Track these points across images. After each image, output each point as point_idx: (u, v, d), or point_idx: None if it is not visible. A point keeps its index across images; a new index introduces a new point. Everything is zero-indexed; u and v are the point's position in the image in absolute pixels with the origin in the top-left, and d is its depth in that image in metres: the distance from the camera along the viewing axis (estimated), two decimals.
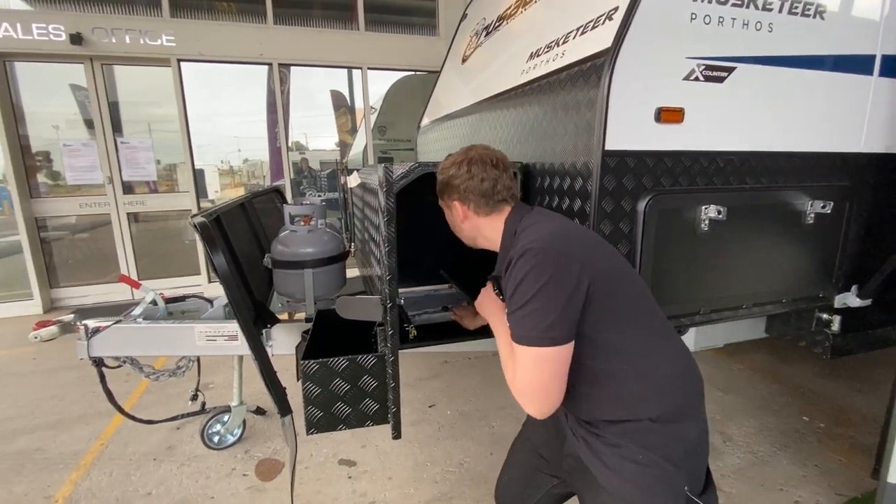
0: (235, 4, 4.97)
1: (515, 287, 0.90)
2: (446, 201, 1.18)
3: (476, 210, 1.12)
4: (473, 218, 1.14)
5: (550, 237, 0.95)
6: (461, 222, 1.16)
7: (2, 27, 4.05)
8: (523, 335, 0.89)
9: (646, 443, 0.94)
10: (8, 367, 3.40)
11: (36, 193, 4.63)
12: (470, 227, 1.16)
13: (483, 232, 1.15)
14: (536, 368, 0.88)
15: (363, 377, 1.20)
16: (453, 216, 1.18)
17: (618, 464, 0.95)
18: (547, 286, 0.87)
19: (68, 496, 2.05)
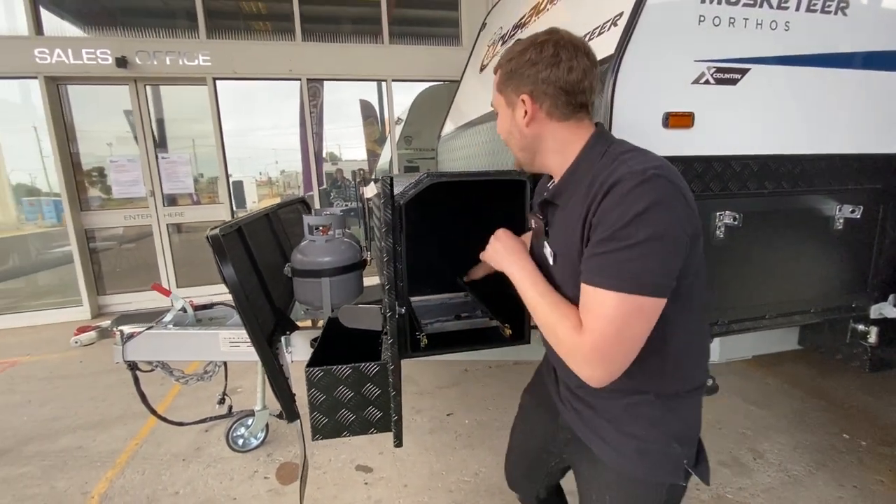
0: (266, 23, 5.20)
1: (630, 218, 0.71)
2: (509, 94, 0.91)
3: (550, 110, 0.87)
4: (544, 122, 0.88)
5: (673, 170, 0.78)
6: (525, 125, 0.89)
7: (55, 53, 4.40)
8: (625, 279, 0.72)
9: (650, 418, 0.89)
10: (57, 369, 3.64)
11: (86, 207, 4.96)
12: (534, 135, 0.90)
13: (550, 144, 0.90)
14: (628, 322, 0.73)
15: (366, 385, 1.22)
16: (515, 116, 0.91)
17: (616, 439, 0.92)
18: (674, 226, 0.73)
19: (103, 493, 2.17)
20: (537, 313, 0.87)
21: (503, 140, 0.99)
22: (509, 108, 0.93)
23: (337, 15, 5.59)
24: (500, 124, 0.98)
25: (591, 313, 0.76)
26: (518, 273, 0.93)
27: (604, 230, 0.74)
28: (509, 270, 0.96)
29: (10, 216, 5.04)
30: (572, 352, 0.78)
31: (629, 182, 0.73)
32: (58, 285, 5.09)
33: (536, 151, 0.93)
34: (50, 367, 3.67)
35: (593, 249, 0.76)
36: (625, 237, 0.72)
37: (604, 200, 0.75)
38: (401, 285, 1.52)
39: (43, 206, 5.02)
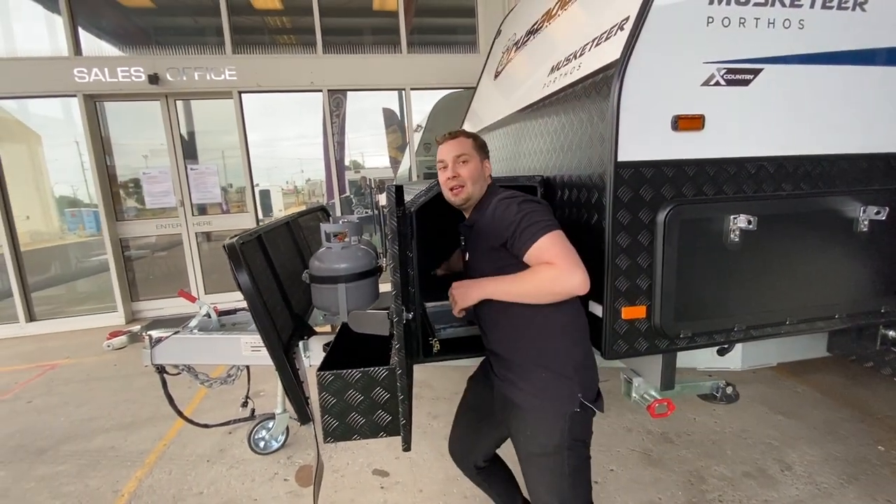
0: (289, 37, 5.36)
1: (515, 215, 1.20)
2: (480, 158, 1.41)
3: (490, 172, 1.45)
4: (488, 175, 1.44)
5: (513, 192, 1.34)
6: (486, 176, 1.42)
7: (93, 72, 4.65)
8: (542, 228, 1.17)
9: (544, 363, 1.27)
10: (94, 372, 3.81)
11: (121, 217, 5.20)
12: (483, 183, 1.40)
13: (482, 189, 1.41)
14: (565, 244, 1.17)
15: (375, 389, 1.25)
16: (482, 170, 1.40)
17: (526, 384, 1.28)
18: (533, 202, 1.25)
19: (133, 492, 2.26)
20: (524, 289, 1.21)
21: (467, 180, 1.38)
22: (480, 162, 1.42)
23: (356, 27, 5.73)
24: (470, 170, 1.39)
25: (546, 254, 1.16)
26: (488, 288, 1.29)
27: (511, 224, 1.22)
28: (483, 293, 1.29)
29: (53, 226, 5.33)
30: (561, 278, 1.14)
31: (506, 201, 1.28)
32: (95, 292, 5.34)
33: (478, 194, 1.41)
34: (87, 370, 3.85)
35: (514, 236, 1.21)
36: (516, 222, 1.20)
37: (496, 217, 1.28)
38: (412, 291, 1.55)
39: (84, 217, 5.29)
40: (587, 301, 1.49)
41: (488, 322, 1.37)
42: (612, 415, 2.68)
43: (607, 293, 1.38)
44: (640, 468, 2.23)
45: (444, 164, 1.41)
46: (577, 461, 1.28)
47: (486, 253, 1.31)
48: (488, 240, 1.29)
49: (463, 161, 1.38)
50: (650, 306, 1.41)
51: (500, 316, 1.30)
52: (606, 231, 1.36)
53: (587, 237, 1.45)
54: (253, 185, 5.33)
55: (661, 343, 1.45)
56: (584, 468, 1.31)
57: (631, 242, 1.37)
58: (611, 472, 2.21)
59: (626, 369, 1.76)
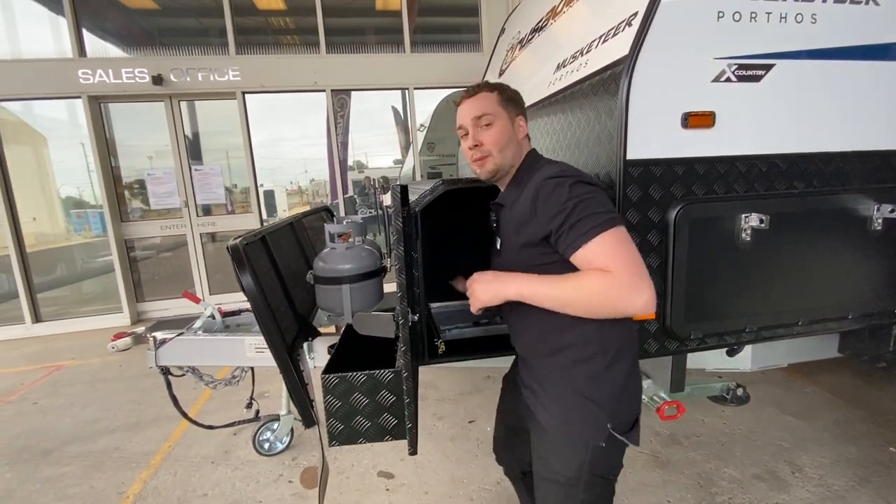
0: (292, 37, 5.36)
1: (565, 202, 0.95)
2: (511, 115, 1.15)
3: (526, 133, 1.18)
4: (523, 137, 1.17)
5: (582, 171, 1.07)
6: (521, 139, 1.17)
7: (97, 73, 4.66)
8: (601, 222, 0.91)
9: (576, 384, 1.06)
10: (99, 373, 3.82)
11: (126, 218, 5.21)
12: (516, 148, 1.15)
13: (518, 156, 1.15)
14: (625, 247, 0.91)
15: (381, 392, 1.23)
16: (514, 131, 1.15)
17: (550, 403, 1.10)
18: (587, 185, 0.98)
19: (138, 493, 2.25)
20: (568, 298, 0.95)
21: (493, 148, 1.14)
22: (511, 122, 1.15)
23: (360, 26, 5.71)
24: (498, 132, 1.13)
25: (601, 259, 0.90)
26: (520, 287, 1.02)
27: (558, 214, 0.96)
28: (513, 292, 1.03)
29: (59, 228, 5.35)
30: (619, 292, 0.88)
31: (555, 179, 1.00)
32: (101, 293, 5.36)
33: (510, 162, 1.16)
34: (92, 371, 3.86)
35: (562, 230, 0.96)
36: (567, 209, 0.95)
37: (539, 199, 1.01)
38: (417, 292, 1.53)
39: (90, 218, 5.30)
40: None
41: (517, 321, 1.17)
42: None
43: None
44: (648, 470, 2.21)
45: (464, 130, 1.16)
46: (592, 497, 1.10)
47: (521, 246, 1.06)
48: (526, 230, 1.03)
49: (486, 124, 1.12)
50: (661, 307, 1.38)
51: (534, 318, 1.07)
52: None
53: None
54: (257, 185, 5.33)
55: (671, 344, 1.43)
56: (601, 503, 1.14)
57: (640, 242, 1.34)
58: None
59: None
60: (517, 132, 1.15)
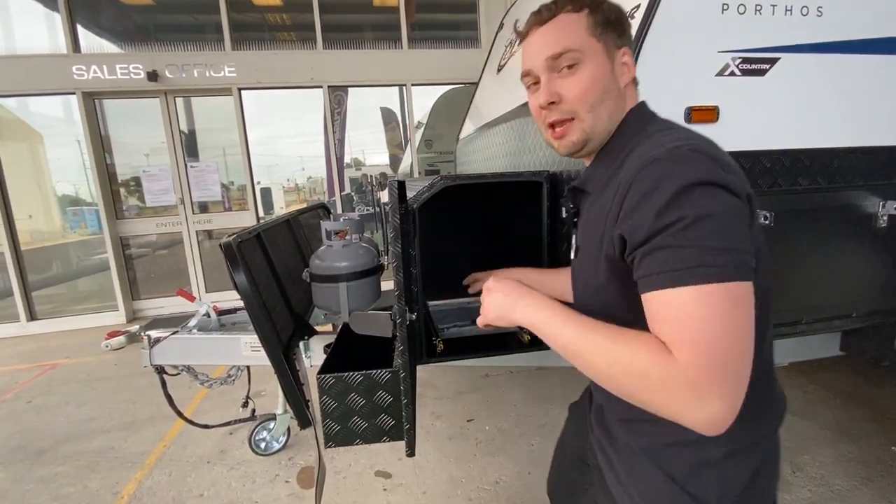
0: (289, 33, 5.31)
1: (662, 210, 0.58)
2: (611, 47, 0.74)
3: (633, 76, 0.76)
4: (629, 84, 0.76)
5: (710, 143, 0.67)
6: (622, 86, 0.75)
7: (91, 69, 4.61)
8: (699, 266, 0.55)
9: (669, 468, 0.70)
10: (94, 371, 3.79)
11: (121, 215, 5.17)
12: (616, 103, 0.75)
13: (617, 114, 0.76)
14: (724, 321, 0.54)
15: (378, 392, 1.20)
16: (614, 74, 0.74)
17: (625, 474, 0.76)
18: (731, 201, 0.59)
19: (132, 493, 2.23)
20: (590, 356, 0.63)
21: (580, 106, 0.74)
22: (610, 60, 0.74)
23: (357, 23, 5.67)
24: (589, 80, 0.73)
25: (671, 326, 0.56)
26: (533, 314, 0.71)
27: (643, 224, 0.60)
28: (521, 317, 0.73)
29: (55, 225, 5.31)
30: (671, 389, 0.55)
31: (657, 164, 0.61)
32: (96, 291, 5.32)
33: (606, 122, 0.75)
34: (87, 370, 3.82)
35: (641, 251, 0.60)
36: (674, 220, 0.57)
37: (631, 189, 0.63)
38: (414, 290, 1.51)
39: (86, 216, 5.26)
40: None
41: None
42: None
43: None
44: None
45: (532, 76, 0.77)
46: None
47: (604, 257, 0.69)
48: (608, 234, 0.68)
49: (568, 65, 0.72)
50: None
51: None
52: None
53: None
54: (254, 182, 5.29)
55: None
56: None
57: None
58: None
59: None
60: (619, 77, 0.74)
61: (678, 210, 0.57)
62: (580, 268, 0.79)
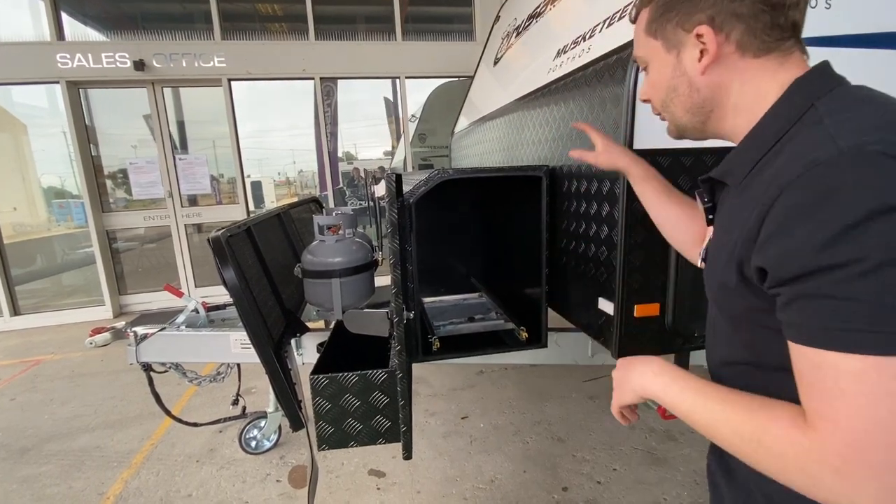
0: (280, 24, 5.21)
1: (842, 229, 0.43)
2: (672, 32, 0.63)
3: (743, 40, 0.58)
4: (732, 61, 0.59)
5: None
6: (701, 72, 0.61)
7: (76, 58, 4.47)
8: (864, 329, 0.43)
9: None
10: (79, 368, 3.70)
11: (108, 208, 5.05)
12: (714, 86, 0.62)
13: (734, 97, 0.61)
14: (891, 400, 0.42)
15: (374, 393, 1.16)
16: (681, 63, 0.63)
17: None
18: None
19: (118, 494, 2.17)
20: (714, 431, 0.55)
21: (656, 104, 0.72)
22: (671, 54, 0.64)
23: (350, 14, 5.57)
24: (652, 81, 0.69)
25: (822, 394, 0.46)
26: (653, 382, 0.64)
27: (797, 256, 0.46)
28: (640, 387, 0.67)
29: (40, 218, 5.17)
30: (812, 471, 0.46)
31: (825, 170, 0.45)
32: (82, 285, 5.20)
33: (712, 111, 0.64)
34: (72, 366, 3.74)
35: (791, 290, 0.47)
36: (845, 261, 0.43)
37: (781, 200, 0.47)
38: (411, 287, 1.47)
39: (72, 208, 5.13)
40: (596, 299, 1.41)
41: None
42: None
43: (620, 290, 1.30)
44: (644, 467, 2.18)
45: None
46: None
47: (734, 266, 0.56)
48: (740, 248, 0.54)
49: (643, 68, 0.72)
50: (664, 304, 1.33)
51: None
52: (620, 223, 1.28)
53: (598, 230, 1.37)
54: (244, 176, 5.20)
55: (675, 342, 1.38)
56: None
57: (646, 237, 1.29)
58: (614, 472, 2.15)
59: None
60: (691, 65, 0.62)
61: (855, 246, 0.42)
62: (709, 267, 0.66)
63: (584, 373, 3.00)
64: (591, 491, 2.04)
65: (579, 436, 2.43)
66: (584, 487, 2.07)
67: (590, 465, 2.21)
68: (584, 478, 2.12)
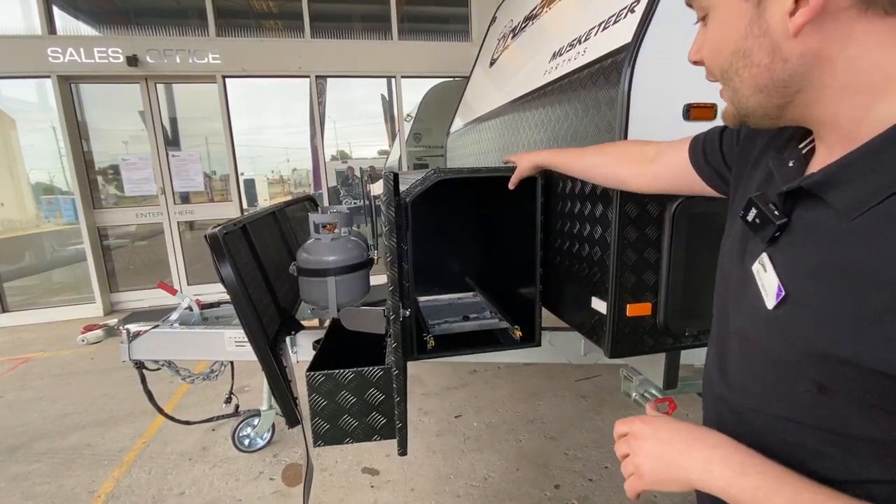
0: (276, 21, 5.19)
1: None
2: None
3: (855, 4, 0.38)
4: (845, 18, 0.39)
5: None
6: (794, 32, 0.41)
7: (68, 52, 4.43)
8: None
9: None
10: (69, 365, 3.67)
11: (99, 205, 5.00)
12: (809, 56, 0.41)
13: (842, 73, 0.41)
14: None
15: (370, 390, 1.17)
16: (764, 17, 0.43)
17: None
18: None
19: (110, 492, 2.16)
20: None
21: (714, 70, 0.52)
22: (748, 3, 0.44)
23: (346, 12, 5.56)
24: (713, 38, 0.50)
25: None
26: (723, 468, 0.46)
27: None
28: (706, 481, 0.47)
29: (28, 214, 5.11)
30: None
31: None
32: (72, 282, 5.15)
33: (800, 90, 0.44)
34: (62, 364, 3.70)
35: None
36: None
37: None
38: (406, 285, 1.48)
39: (61, 205, 5.07)
40: (589, 298, 1.43)
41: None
42: (606, 411, 2.65)
43: (612, 289, 1.33)
44: None
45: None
46: None
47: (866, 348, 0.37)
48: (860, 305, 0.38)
49: (701, 17, 0.52)
50: (656, 303, 1.35)
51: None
52: (613, 224, 1.30)
53: (591, 230, 1.39)
54: (237, 173, 5.17)
55: (666, 341, 1.40)
56: None
57: (638, 236, 1.31)
58: (606, 470, 2.18)
59: (626, 366, 1.72)
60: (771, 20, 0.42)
61: None
62: (786, 333, 0.46)
63: (577, 372, 3.02)
64: (583, 488, 2.06)
65: (572, 434, 2.45)
66: (575, 485, 2.09)
67: (582, 462, 2.23)
68: (576, 475, 2.15)
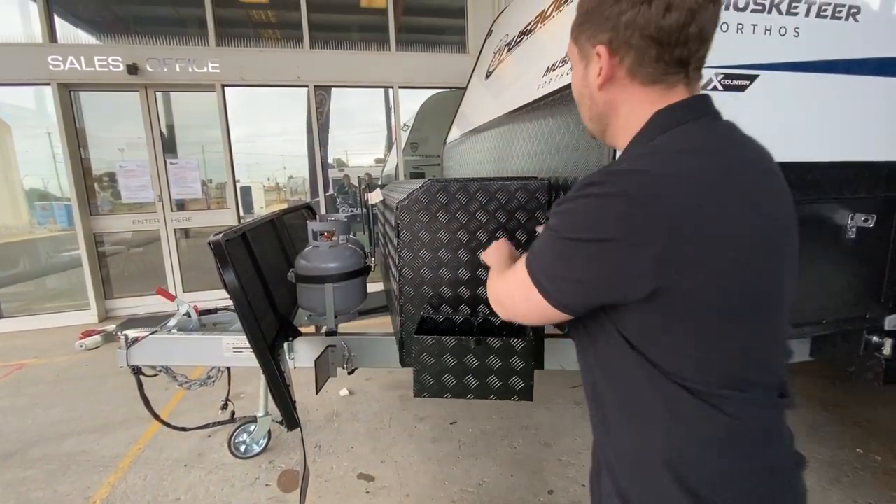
0: (275, 31, 5.26)
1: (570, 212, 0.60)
2: (583, 44, 0.69)
3: (634, 68, 0.64)
4: (623, 84, 0.66)
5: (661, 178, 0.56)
6: (598, 87, 0.68)
7: (68, 60, 4.47)
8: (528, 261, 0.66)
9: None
10: (64, 372, 3.66)
11: (95, 211, 5.01)
12: (607, 103, 0.69)
13: (621, 118, 0.68)
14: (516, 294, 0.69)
15: (467, 356, 1.35)
16: (587, 74, 0.69)
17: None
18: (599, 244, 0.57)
19: (105, 498, 2.16)
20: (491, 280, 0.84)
21: (577, 101, 0.77)
22: (582, 63, 0.71)
23: (345, 23, 5.65)
24: (573, 81, 0.75)
25: (511, 270, 0.72)
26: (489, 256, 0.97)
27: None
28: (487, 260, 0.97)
29: (22, 220, 5.11)
30: (488, 288, 0.83)
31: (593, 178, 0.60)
32: (67, 289, 5.14)
33: (607, 125, 0.71)
34: (57, 370, 3.69)
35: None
36: (553, 225, 0.63)
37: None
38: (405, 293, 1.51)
39: (55, 211, 5.08)
40: None
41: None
42: None
43: None
44: None
45: None
46: None
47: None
48: None
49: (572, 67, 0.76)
50: None
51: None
52: None
53: None
54: (235, 180, 5.20)
55: None
56: None
57: None
58: None
59: None
60: (590, 77, 0.69)
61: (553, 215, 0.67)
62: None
63: (570, 378, 3.06)
64: (576, 494, 2.09)
65: (565, 440, 2.48)
66: (569, 490, 2.11)
67: (575, 468, 2.26)
68: (570, 481, 2.17)
